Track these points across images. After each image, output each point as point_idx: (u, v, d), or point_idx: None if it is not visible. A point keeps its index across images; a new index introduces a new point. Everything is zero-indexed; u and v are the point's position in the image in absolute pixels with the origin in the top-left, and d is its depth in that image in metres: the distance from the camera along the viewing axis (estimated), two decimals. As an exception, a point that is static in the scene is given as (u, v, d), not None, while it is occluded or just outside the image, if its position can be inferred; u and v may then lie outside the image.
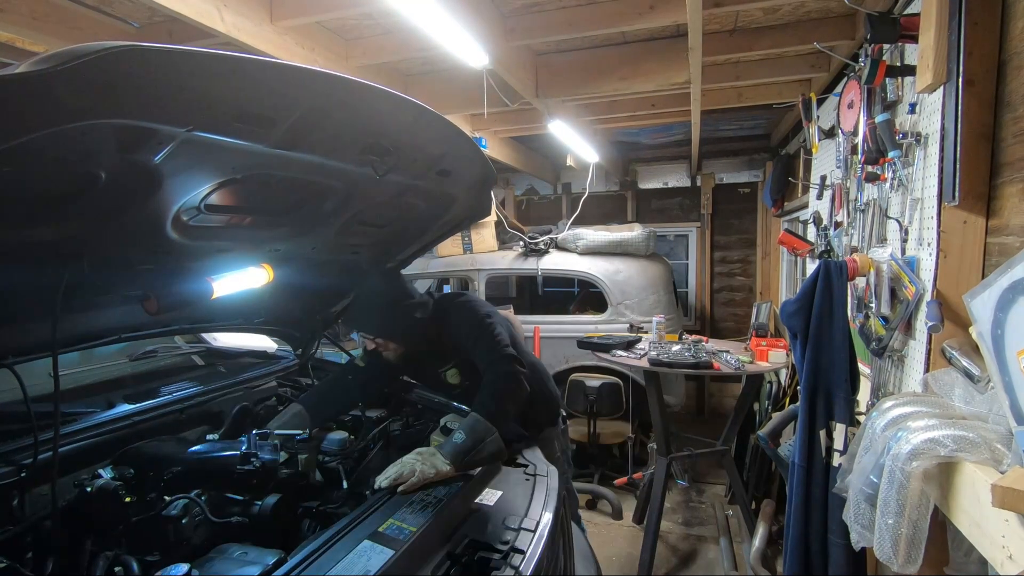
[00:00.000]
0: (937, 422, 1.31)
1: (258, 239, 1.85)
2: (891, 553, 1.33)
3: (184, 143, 1.15)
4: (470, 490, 1.60)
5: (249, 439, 1.68)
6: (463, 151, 1.78)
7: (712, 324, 6.75)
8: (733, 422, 3.58)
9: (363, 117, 1.42)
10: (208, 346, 2.71)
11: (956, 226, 1.60)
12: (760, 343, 3.29)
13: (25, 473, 1.43)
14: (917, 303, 1.76)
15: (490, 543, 1.37)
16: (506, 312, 4.45)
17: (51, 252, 1.34)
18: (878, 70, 1.95)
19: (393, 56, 3.17)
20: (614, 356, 3.39)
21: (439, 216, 2.18)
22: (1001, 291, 1.13)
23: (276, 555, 1.25)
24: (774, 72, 3.58)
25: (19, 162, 0.99)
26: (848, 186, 2.46)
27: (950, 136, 1.57)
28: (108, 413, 1.81)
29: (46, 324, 1.36)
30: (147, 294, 1.68)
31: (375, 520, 1.36)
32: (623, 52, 3.36)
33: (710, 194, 6.60)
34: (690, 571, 3.40)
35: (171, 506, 1.44)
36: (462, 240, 5.03)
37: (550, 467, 1.86)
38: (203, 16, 2.15)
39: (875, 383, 2.09)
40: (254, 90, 1.15)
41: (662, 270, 4.86)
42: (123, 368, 2.31)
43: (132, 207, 1.33)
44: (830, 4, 2.78)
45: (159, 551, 1.37)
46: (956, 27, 1.51)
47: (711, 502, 4.25)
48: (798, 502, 1.91)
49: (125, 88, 0.96)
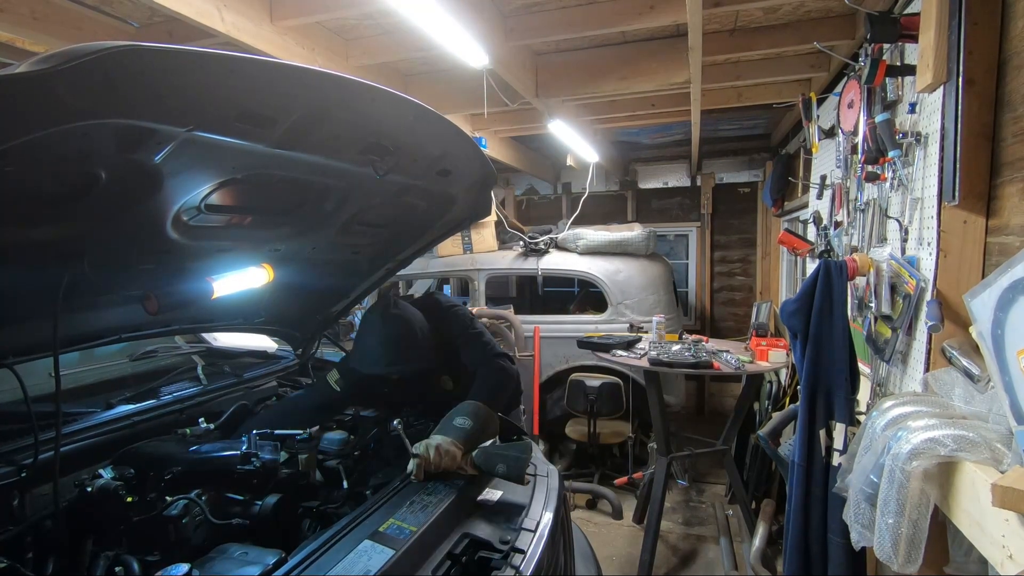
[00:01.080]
0: (937, 422, 1.31)
1: (258, 239, 1.85)
2: (891, 552, 1.33)
3: (184, 143, 1.15)
4: (470, 490, 1.60)
5: (249, 439, 1.68)
6: (463, 151, 1.78)
7: (712, 324, 6.75)
8: (733, 422, 3.58)
9: (363, 117, 1.42)
10: (208, 346, 2.71)
11: (956, 226, 1.60)
12: (760, 343, 3.29)
13: (25, 473, 1.43)
14: (918, 298, 1.76)
15: (490, 543, 1.37)
16: (506, 312, 4.45)
17: (52, 252, 1.34)
18: (878, 70, 1.95)
19: (393, 56, 3.17)
20: (614, 356, 3.39)
21: (439, 216, 2.18)
22: (1001, 291, 1.13)
23: (276, 555, 1.25)
24: (774, 72, 3.58)
25: (19, 162, 0.99)
26: (848, 186, 2.46)
27: (950, 136, 1.57)
28: (108, 413, 1.81)
29: (46, 324, 1.36)
30: (147, 294, 1.68)
31: (375, 520, 1.36)
32: (623, 52, 3.36)
33: (710, 194, 6.61)
34: (690, 571, 3.40)
35: (171, 506, 1.44)
36: (462, 240, 5.03)
37: (550, 467, 1.87)
38: (203, 16, 2.15)
39: (875, 382, 2.10)
40: (254, 90, 1.15)
41: (662, 270, 4.86)
42: (123, 368, 2.31)
43: (132, 207, 1.33)
44: (830, 4, 2.78)
45: (159, 551, 1.37)
46: (956, 27, 1.51)
47: (711, 502, 4.25)
48: (798, 502, 1.91)
49: (125, 88, 0.96)
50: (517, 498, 1.62)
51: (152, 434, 1.81)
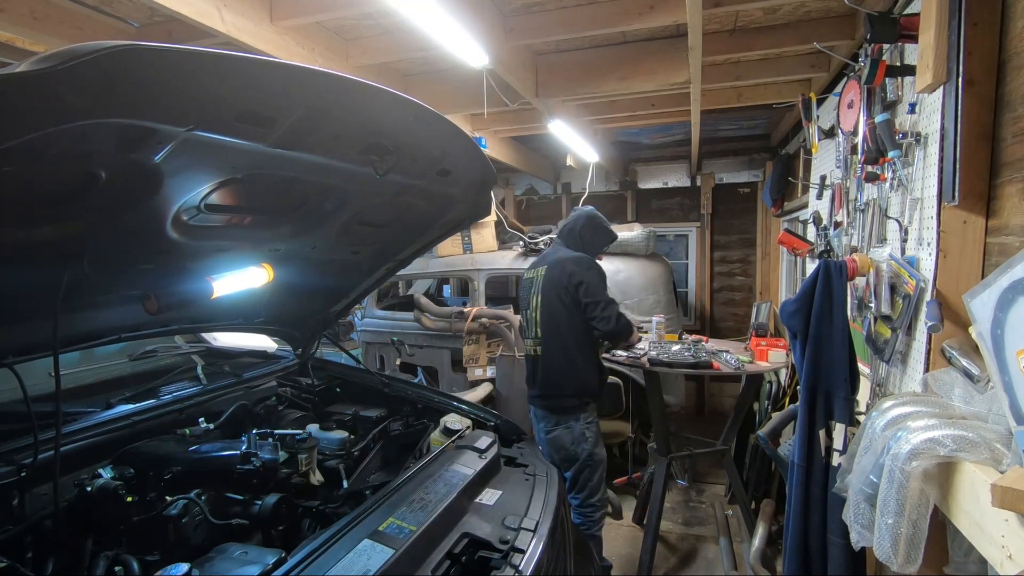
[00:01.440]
0: (937, 422, 1.31)
1: (258, 239, 1.85)
2: (891, 553, 1.33)
3: (184, 142, 1.15)
4: (470, 490, 1.60)
5: (249, 439, 1.68)
6: (463, 151, 1.78)
7: (712, 324, 6.75)
8: (733, 422, 3.58)
9: (363, 117, 1.42)
10: (208, 346, 2.71)
11: (956, 226, 1.60)
12: (760, 343, 3.29)
13: (25, 473, 1.43)
14: (918, 298, 1.76)
15: (490, 542, 1.37)
16: (506, 312, 4.45)
17: (52, 252, 1.34)
18: (878, 70, 1.95)
19: (393, 56, 3.17)
20: (614, 356, 3.39)
21: (439, 216, 2.18)
22: (1001, 291, 1.13)
23: (276, 554, 1.25)
24: (774, 72, 3.58)
25: (19, 161, 0.99)
26: (848, 186, 2.46)
27: (950, 136, 1.56)
28: (108, 413, 1.81)
29: (46, 324, 1.36)
30: (147, 294, 1.68)
31: (375, 519, 1.36)
32: (623, 52, 3.36)
33: (710, 194, 6.60)
34: (690, 571, 3.40)
35: (171, 506, 1.44)
36: (462, 240, 5.03)
37: (549, 467, 1.87)
38: (203, 16, 2.14)
39: (875, 383, 2.10)
40: (254, 90, 1.15)
41: (662, 270, 4.86)
42: (123, 368, 2.31)
43: (132, 207, 1.33)
44: (830, 4, 2.78)
45: (159, 551, 1.37)
46: (956, 27, 1.51)
47: (711, 502, 4.25)
48: (798, 502, 1.91)
49: (125, 87, 0.96)
50: (517, 498, 1.62)
51: (152, 434, 1.81)
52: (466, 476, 1.64)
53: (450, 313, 4.46)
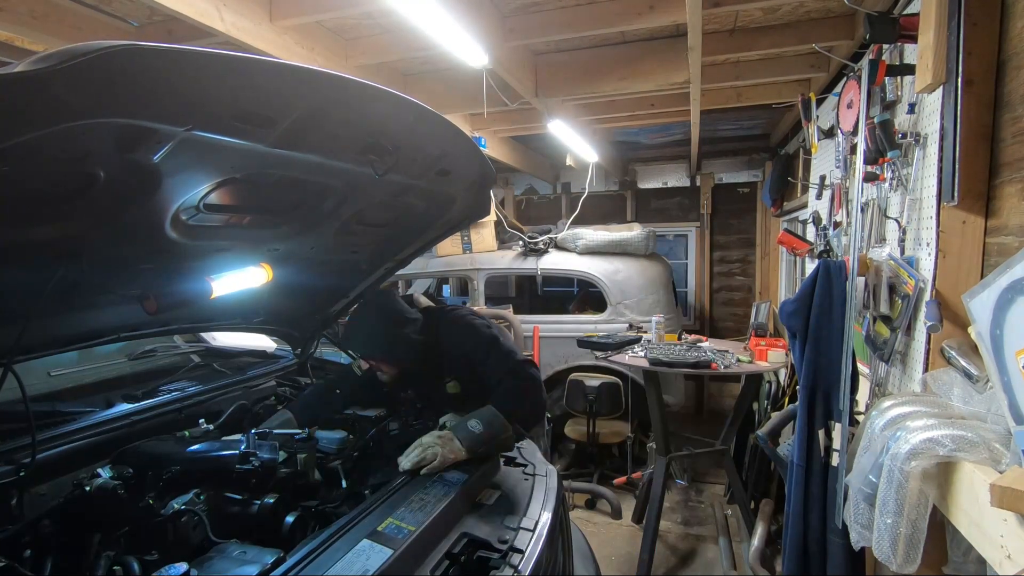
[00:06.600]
0: (936, 422, 1.31)
1: (257, 239, 1.85)
2: (890, 552, 1.33)
3: (183, 142, 1.15)
4: (469, 489, 1.60)
5: (248, 438, 1.68)
6: (463, 151, 1.78)
7: (711, 324, 6.75)
8: (732, 422, 3.58)
9: (363, 117, 1.42)
10: (207, 345, 2.71)
11: (955, 226, 1.60)
12: (759, 343, 3.29)
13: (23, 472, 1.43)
14: (917, 298, 1.76)
15: (489, 542, 1.37)
16: (506, 312, 4.45)
17: (51, 252, 1.34)
18: (878, 70, 1.95)
19: (393, 56, 3.17)
20: (613, 356, 3.39)
21: (438, 216, 2.17)
22: (1000, 291, 1.13)
23: (275, 554, 1.24)
24: (774, 72, 3.58)
25: (18, 161, 0.99)
26: (847, 186, 2.46)
27: (949, 136, 1.57)
28: (107, 412, 1.81)
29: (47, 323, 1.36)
30: (146, 293, 1.68)
31: (374, 519, 1.35)
32: (622, 52, 3.36)
33: (709, 194, 6.61)
34: (689, 571, 3.40)
35: (170, 506, 1.44)
36: (461, 240, 5.03)
37: (549, 467, 1.87)
38: (202, 15, 2.14)
39: (874, 383, 2.10)
40: (253, 90, 1.14)
41: (661, 270, 4.86)
42: (122, 367, 2.31)
43: (131, 206, 1.33)
44: (830, 4, 2.79)
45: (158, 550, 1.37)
46: (956, 27, 1.51)
47: (710, 502, 4.25)
48: (797, 502, 1.91)
49: (123, 87, 0.96)
50: (516, 498, 1.62)
51: (151, 433, 1.81)
52: (465, 476, 1.64)
53: (450, 313, 4.45)
